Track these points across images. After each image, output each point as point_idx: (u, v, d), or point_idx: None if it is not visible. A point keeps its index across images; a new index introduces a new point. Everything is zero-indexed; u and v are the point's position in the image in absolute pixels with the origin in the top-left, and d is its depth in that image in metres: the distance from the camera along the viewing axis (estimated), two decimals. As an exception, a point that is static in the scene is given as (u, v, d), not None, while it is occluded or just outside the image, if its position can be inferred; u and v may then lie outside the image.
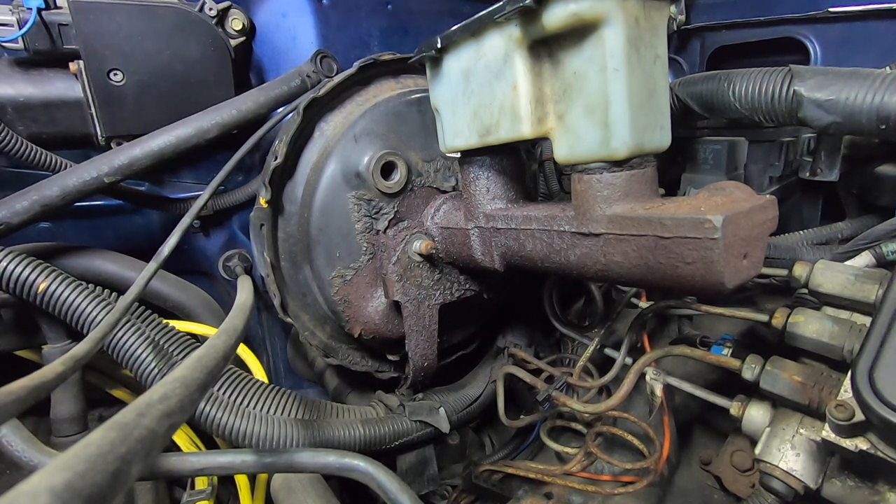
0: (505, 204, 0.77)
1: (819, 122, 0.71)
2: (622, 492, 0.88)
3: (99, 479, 0.24)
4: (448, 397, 1.06)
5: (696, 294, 0.93)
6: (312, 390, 1.27)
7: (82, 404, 0.89)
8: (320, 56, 1.01)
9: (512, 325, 1.22)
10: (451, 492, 1.07)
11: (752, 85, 0.77)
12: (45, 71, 0.94)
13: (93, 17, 0.90)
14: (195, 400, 0.37)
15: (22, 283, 0.76)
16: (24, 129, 0.93)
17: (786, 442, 0.68)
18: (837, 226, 1.02)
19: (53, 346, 0.86)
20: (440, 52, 0.71)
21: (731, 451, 0.86)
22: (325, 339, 1.00)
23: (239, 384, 0.86)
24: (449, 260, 0.90)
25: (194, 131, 0.90)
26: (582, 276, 0.64)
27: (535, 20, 0.56)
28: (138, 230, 1.12)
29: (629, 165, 0.57)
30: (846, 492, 0.64)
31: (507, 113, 0.63)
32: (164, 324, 0.86)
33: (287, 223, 0.92)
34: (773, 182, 1.11)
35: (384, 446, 0.94)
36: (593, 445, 0.92)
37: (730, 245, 0.48)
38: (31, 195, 0.80)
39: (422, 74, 0.99)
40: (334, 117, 0.93)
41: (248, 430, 0.81)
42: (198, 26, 0.98)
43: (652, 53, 0.55)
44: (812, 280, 0.75)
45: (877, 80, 0.65)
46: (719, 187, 0.83)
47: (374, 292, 0.95)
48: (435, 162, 0.97)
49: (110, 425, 0.28)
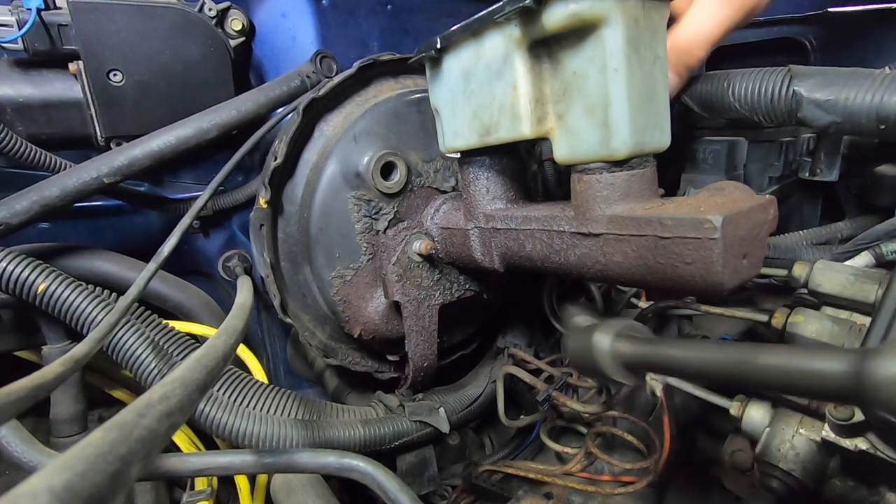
0: (505, 204, 0.77)
1: (818, 122, 0.71)
2: (622, 492, 0.88)
3: (99, 480, 0.24)
4: (448, 397, 1.06)
5: (696, 294, 0.94)
6: (312, 390, 1.27)
7: (82, 405, 0.89)
8: (320, 56, 1.01)
9: (512, 325, 1.22)
10: (451, 492, 1.07)
11: (751, 85, 0.77)
12: (44, 71, 0.94)
13: (92, 17, 0.90)
14: (195, 400, 0.37)
15: (21, 283, 0.75)
16: (23, 129, 0.93)
17: (786, 442, 0.68)
18: (837, 226, 1.02)
19: (53, 346, 0.86)
20: (440, 53, 0.71)
21: (731, 451, 0.86)
22: (325, 339, 1.00)
23: (239, 384, 0.86)
24: (449, 260, 0.90)
25: (194, 132, 0.90)
26: (582, 276, 0.64)
27: (534, 20, 0.56)
28: (138, 230, 1.12)
29: (629, 165, 0.57)
30: (846, 492, 0.64)
31: (507, 113, 0.63)
32: (164, 324, 0.86)
33: (287, 223, 0.92)
34: (772, 182, 1.11)
35: (384, 446, 0.94)
36: (593, 445, 0.92)
37: (729, 245, 0.48)
38: (31, 196, 0.80)
39: (421, 75, 0.99)
40: (334, 117, 0.93)
41: (248, 431, 0.81)
42: (197, 27, 0.98)
43: (652, 54, 0.55)
44: (812, 280, 0.75)
45: (876, 81, 0.65)
46: (719, 187, 0.83)
47: (374, 292, 0.95)
48: (435, 162, 0.97)
49: (110, 426, 0.28)
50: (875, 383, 0.31)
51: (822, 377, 0.34)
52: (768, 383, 0.39)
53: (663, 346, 0.48)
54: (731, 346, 0.42)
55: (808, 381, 0.35)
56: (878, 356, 0.31)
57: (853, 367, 0.33)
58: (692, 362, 0.44)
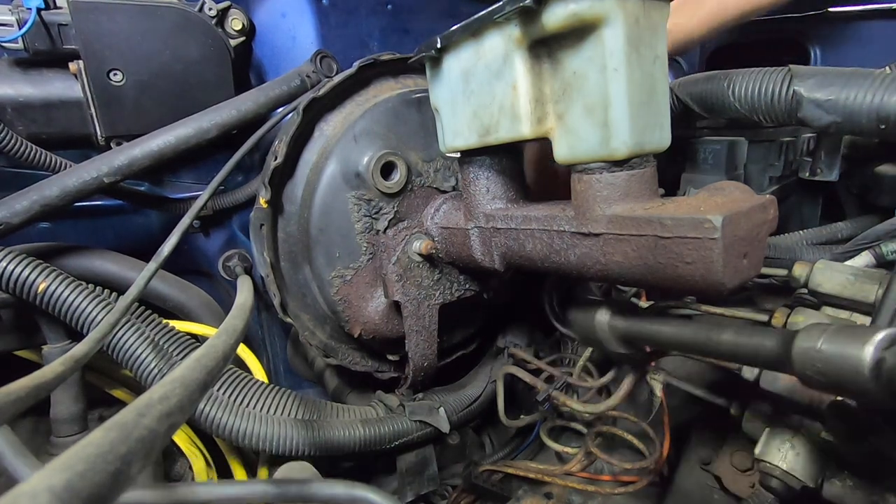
0: (505, 204, 0.77)
1: (819, 122, 0.71)
2: (622, 492, 0.88)
3: (99, 480, 0.24)
4: (448, 397, 1.06)
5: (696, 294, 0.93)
6: (312, 390, 1.27)
7: (82, 404, 0.89)
8: (320, 56, 1.01)
9: (512, 325, 1.22)
10: (451, 492, 1.07)
11: (751, 85, 0.77)
12: (44, 71, 0.94)
13: (92, 17, 0.90)
14: (195, 400, 0.37)
15: (22, 283, 0.75)
16: (23, 129, 0.93)
17: (786, 441, 0.68)
18: (837, 226, 1.02)
19: (53, 346, 0.86)
20: (440, 52, 0.71)
21: (731, 451, 0.86)
22: (325, 339, 1.00)
23: (239, 384, 0.86)
24: (449, 260, 0.90)
25: (194, 131, 0.90)
26: (582, 275, 0.64)
27: (534, 20, 0.56)
28: (138, 230, 1.12)
29: (629, 165, 0.57)
30: (846, 492, 0.64)
31: (507, 113, 0.63)
32: (164, 324, 0.86)
33: (287, 223, 0.92)
34: (772, 182, 1.11)
35: (384, 446, 0.94)
36: (593, 445, 0.92)
37: (729, 245, 0.48)
38: (31, 195, 0.80)
39: (422, 74, 0.99)
40: (334, 117, 0.93)
41: (249, 430, 0.81)
42: (198, 26, 0.98)
43: (652, 53, 0.55)
44: (812, 280, 0.75)
45: (876, 80, 0.65)
46: (719, 187, 0.83)
47: (374, 292, 0.95)
48: (435, 162, 0.97)
49: (110, 425, 0.28)
50: (793, 355, 0.43)
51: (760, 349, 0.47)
52: (723, 353, 0.52)
53: (648, 322, 0.61)
54: (698, 325, 0.55)
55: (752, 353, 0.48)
56: (798, 336, 0.44)
57: (782, 342, 0.45)
58: (670, 336, 0.57)
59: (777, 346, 0.46)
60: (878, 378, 0.39)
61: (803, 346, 0.42)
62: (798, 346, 0.43)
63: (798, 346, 0.43)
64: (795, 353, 0.43)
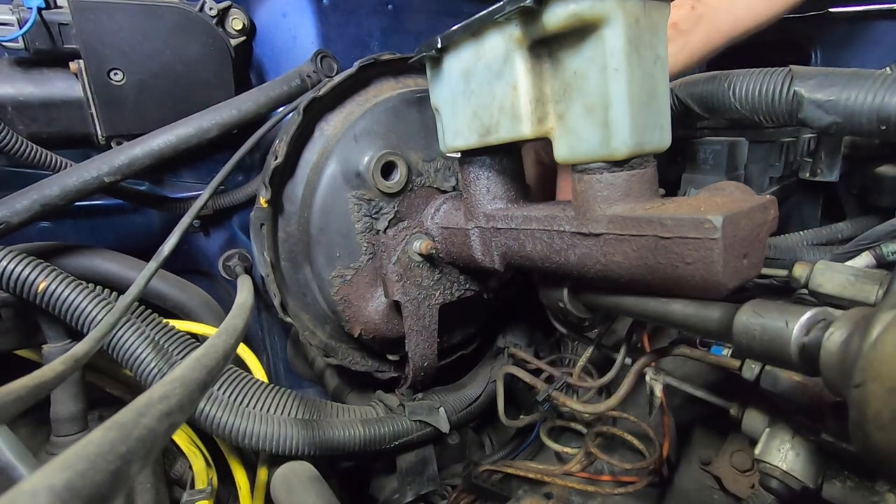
0: (505, 204, 0.77)
1: (819, 122, 0.71)
2: (622, 492, 0.88)
3: (99, 479, 0.24)
4: (448, 397, 1.06)
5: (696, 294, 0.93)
6: (312, 390, 1.27)
7: (82, 404, 0.89)
8: (320, 56, 1.01)
9: (512, 325, 1.22)
10: (451, 492, 1.07)
11: (752, 85, 0.77)
12: (45, 70, 0.94)
13: (93, 16, 0.90)
14: (195, 399, 0.37)
15: (22, 282, 0.76)
16: (24, 128, 0.93)
17: (786, 442, 0.68)
18: (837, 226, 1.02)
19: (53, 345, 0.86)
20: (440, 52, 0.71)
21: (731, 451, 0.86)
22: (325, 338, 1.00)
23: (239, 384, 0.86)
24: (449, 260, 0.90)
25: (194, 131, 0.90)
26: (582, 276, 0.64)
27: (535, 20, 0.56)
28: (138, 230, 1.12)
29: (629, 165, 0.57)
30: (846, 492, 0.64)
31: (507, 113, 0.63)
32: (164, 323, 0.86)
33: (287, 223, 0.92)
34: (773, 182, 1.11)
35: (384, 446, 0.94)
36: (593, 445, 0.92)
37: (729, 245, 0.48)
38: (32, 195, 0.80)
39: (422, 74, 0.99)
40: (334, 117, 0.93)
41: (249, 430, 0.81)
42: (198, 26, 0.98)
43: (652, 53, 0.55)
44: (812, 280, 0.75)
45: (877, 81, 0.65)
46: (719, 188, 0.83)
47: (374, 292, 0.95)
48: (435, 162, 0.97)
49: (110, 425, 0.28)
50: (733, 327, 0.48)
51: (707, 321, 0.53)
52: (675, 323, 0.58)
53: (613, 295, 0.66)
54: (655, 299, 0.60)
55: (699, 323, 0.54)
56: (739, 310, 0.49)
57: (726, 316, 0.51)
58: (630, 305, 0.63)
59: (721, 318, 0.51)
60: (801, 352, 0.44)
61: (742, 319, 0.48)
62: (738, 320, 0.48)
63: (738, 320, 0.48)
64: (735, 325, 0.48)
